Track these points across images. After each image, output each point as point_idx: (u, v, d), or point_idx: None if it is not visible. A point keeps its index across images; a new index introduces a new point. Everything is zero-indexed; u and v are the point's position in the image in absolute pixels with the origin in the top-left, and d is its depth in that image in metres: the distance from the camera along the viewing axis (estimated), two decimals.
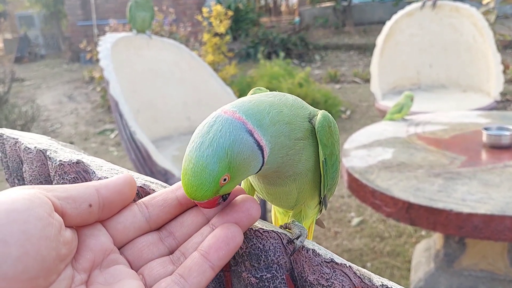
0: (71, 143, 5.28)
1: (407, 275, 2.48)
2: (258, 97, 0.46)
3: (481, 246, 2.13)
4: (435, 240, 2.38)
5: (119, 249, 0.41)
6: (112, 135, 5.49)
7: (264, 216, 2.37)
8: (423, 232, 2.87)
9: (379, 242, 2.84)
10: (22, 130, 5.29)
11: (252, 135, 0.42)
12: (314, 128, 0.47)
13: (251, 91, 0.53)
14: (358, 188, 1.97)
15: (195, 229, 0.42)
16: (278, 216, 0.60)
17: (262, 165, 0.44)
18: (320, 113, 0.47)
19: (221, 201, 0.43)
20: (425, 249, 2.43)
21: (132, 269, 0.40)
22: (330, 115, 0.48)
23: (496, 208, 1.61)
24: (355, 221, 3.11)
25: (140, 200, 0.43)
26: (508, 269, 2.10)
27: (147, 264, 0.40)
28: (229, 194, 0.44)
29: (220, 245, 0.39)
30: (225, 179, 0.41)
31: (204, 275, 0.38)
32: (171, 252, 0.42)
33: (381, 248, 2.77)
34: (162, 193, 0.43)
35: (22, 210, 0.32)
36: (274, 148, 0.44)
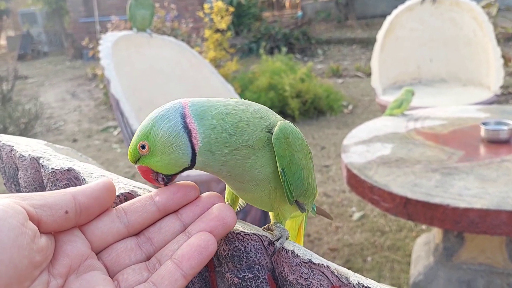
0: (75, 140, 5.32)
1: (407, 269, 2.50)
2: (219, 99, 0.49)
3: (480, 240, 2.15)
4: (435, 234, 2.39)
5: (97, 254, 0.42)
6: (115, 132, 5.52)
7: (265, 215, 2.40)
8: (423, 227, 2.89)
9: (379, 236, 2.87)
10: (25, 128, 5.33)
11: (184, 118, 0.46)
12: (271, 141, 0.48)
13: None
14: (356, 184, 1.99)
15: (172, 236, 0.44)
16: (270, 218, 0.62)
17: (194, 156, 0.46)
18: (278, 125, 0.48)
19: (158, 179, 0.47)
20: (425, 243, 2.45)
21: (109, 274, 0.41)
22: (290, 125, 0.49)
23: (492, 203, 1.62)
24: (356, 215, 3.13)
25: (119, 206, 0.44)
26: (506, 262, 2.11)
27: (123, 270, 0.42)
28: (169, 177, 0.47)
29: (193, 254, 0.41)
30: (143, 146, 0.45)
31: (175, 283, 0.40)
32: (148, 258, 0.43)
33: (382, 242, 2.80)
34: (141, 199, 0.45)
35: None
36: (210, 142, 0.46)
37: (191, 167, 0.47)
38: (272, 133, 0.48)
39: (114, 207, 0.44)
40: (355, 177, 1.98)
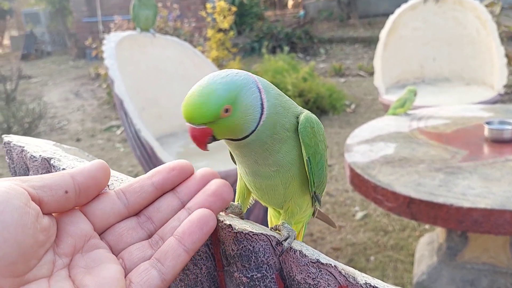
0: (78, 140, 5.33)
1: (411, 269, 2.50)
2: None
3: (483, 240, 2.15)
4: (438, 233, 2.40)
5: (100, 234, 0.43)
6: (119, 132, 5.53)
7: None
8: (427, 226, 2.89)
9: (383, 236, 2.87)
10: (29, 127, 5.35)
11: (260, 93, 0.47)
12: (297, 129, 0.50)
13: None
14: (360, 183, 1.99)
15: (171, 213, 0.45)
16: (273, 220, 0.63)
17: (255, 128, 0.47)
18: (303, 115, 0.50)
19: (209, 141, 0.47)
20: (428, 242, 2.45)
21: (112, 253, 0.42)
22: (313, 116, 0.51)
23: (496, 202, 1.63)
24: (359, 215, 3.13)
25: (117, 188, 0.45)
26: (510, 261, 2.12)
27: (127, 248, 0.43)
28: (216, 140, 0.47)
29: (194, 230, 0.42)
30: (227, 110, 0.45)
31: (178, 258, 0.41)
32: (149, 236, 0.44)
33: (385, 242, 2.80)
34: (139, 180, 0.45)
35: None
36: (268, 119, 0.47)
37: (239, 139, 0.48)
38: (298, 121, 0.50)
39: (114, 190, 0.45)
40: (358, 176, 1.98)
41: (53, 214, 0.40)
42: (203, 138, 0.46)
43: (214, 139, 0.48)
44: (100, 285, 0.38)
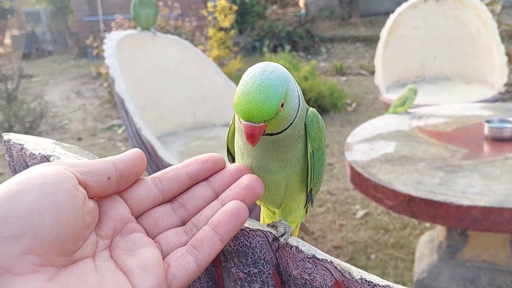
0: (79, 139, 5.34)
1: (411, 267, 2.50)
2: None
3: (483, 238, 2.15)
4: (438, 232, 2.40)
5: (136, 218, 0.45)
6: (120, 131, 5.54)
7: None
8: (427, 224, 2.90)
9: (383, 234, 2.87)
10: (31, 126, 5.36)
11: (295, 84, 0.48)
12: (304, 123, 0.51)
13: None
14: (360, 181, 2.00)
15: (204, 202, 0.47)
16: (266, 220, 0.63)
17: (293, 121, 0.48)
18: (310, 110, 0.52)
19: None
20: (429, 241, 2.46)
21: (148, 237, 0.44)
22: (318, 113, 0.53)
23: (496, 200, 1.63)
24: (360, 213, 3.13)
25: (153, 175, 0.47)
26: (510, 259, 2.12)
27: (162, 233, 0.45)
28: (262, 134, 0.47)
29: (229, 220, 0.43)
30: (282, 105, 0.46)
31: (214, 246, 0.43)
32: (183, 222, 0.46)
33: (386, 240, 2.80)
34: (174, 168, 0.47)
35: (52, 183, 0.36)
36: (301, 113, 0.49)
37: (274, 134, 0.48)
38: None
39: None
40: (359, 175, 1.99)
41: (95, 198, 0.42)
42: (260, 135, 0.46)
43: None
44: (142, 267, 0.40)
